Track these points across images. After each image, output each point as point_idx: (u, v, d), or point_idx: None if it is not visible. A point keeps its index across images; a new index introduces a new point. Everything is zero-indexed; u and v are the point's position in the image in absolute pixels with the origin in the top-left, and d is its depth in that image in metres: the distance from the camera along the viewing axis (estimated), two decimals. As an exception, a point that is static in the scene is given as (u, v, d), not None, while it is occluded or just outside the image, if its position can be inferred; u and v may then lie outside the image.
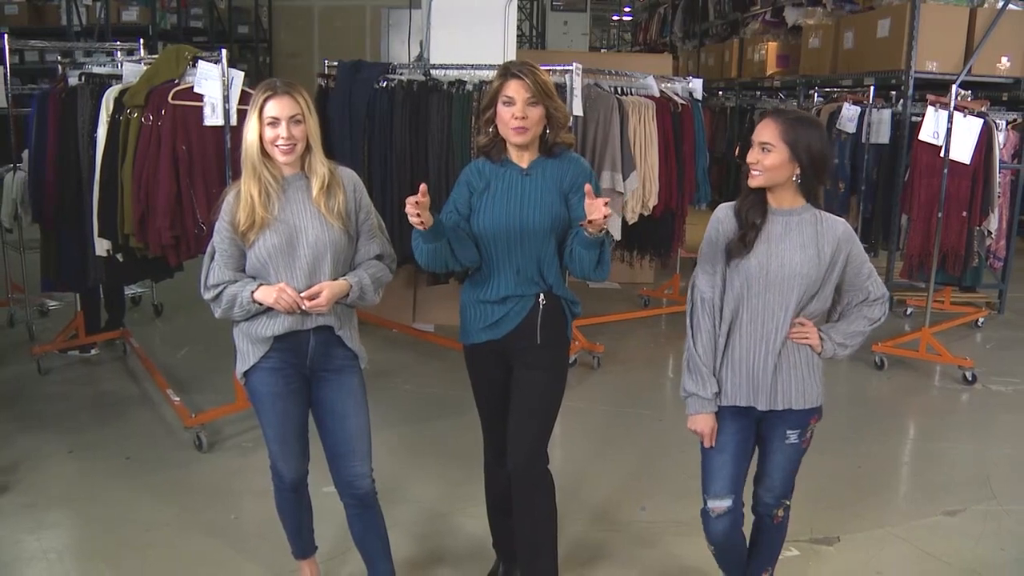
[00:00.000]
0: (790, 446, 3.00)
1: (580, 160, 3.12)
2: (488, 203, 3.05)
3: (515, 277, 3.04)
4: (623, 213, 6.00)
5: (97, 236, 4.91)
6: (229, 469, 4.60)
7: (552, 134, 3.04)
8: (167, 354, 6.30)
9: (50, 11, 12.74)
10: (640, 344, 6.99)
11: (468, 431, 4.69)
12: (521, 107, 2.94)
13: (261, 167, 2.88)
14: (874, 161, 7.91)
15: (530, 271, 3.03)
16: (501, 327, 3.09)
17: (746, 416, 2.98)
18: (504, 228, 3.01)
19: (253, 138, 2.86)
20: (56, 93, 5.37)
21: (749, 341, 2.91)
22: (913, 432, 5.57)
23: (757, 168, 2.82)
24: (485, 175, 3.08)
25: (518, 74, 2.95)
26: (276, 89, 2.84)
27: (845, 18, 9.28)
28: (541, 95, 2.95)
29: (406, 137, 5.56)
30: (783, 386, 2.93)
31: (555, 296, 3.08)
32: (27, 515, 4.08)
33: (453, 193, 3.12)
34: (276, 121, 2.84)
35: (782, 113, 2.88)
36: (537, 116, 2.96)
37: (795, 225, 2.87)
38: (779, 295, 2.86)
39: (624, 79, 6.45)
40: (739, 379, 2.94)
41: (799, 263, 2.83)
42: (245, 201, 2.88)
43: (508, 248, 3.02)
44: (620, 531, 4.05)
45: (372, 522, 3.19)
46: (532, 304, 3.06)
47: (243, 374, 3.05)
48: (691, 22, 15.02)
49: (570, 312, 3.15)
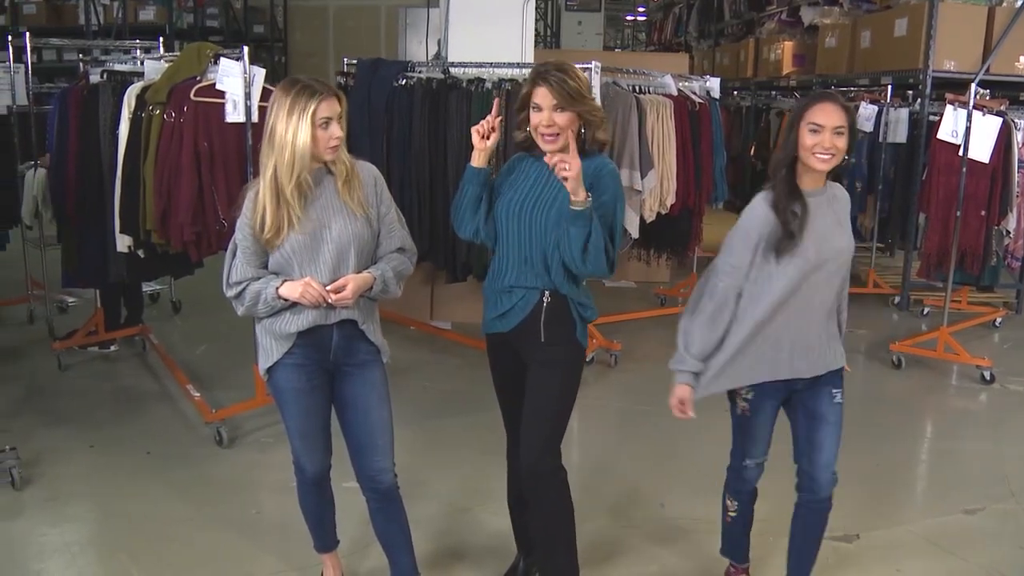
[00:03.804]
0: (837, 405, 3.14)
1: (606, 162, 3.08)
2: (509, 187, 3.10)
3: (522, 266, 3.05)
4: (641, 211, 6.00)
5: (118, 232, 4.93)
6: (249, 464, 4.62)
7: (588, 133, 3.03)
8: (186, 350, 6.33)
9: (68, 10, 12.80)
10: (657, 343, 6.97)
11: (487, 428, 4.71)
12: (548, 114, 2.94)
13: (307, 168, 2.86)
14: (891, 160, 7.90)
15: (536, 262, 3.03)
16: (508, 320, 3.11)
17: (782, 391, 3.13)
18: (517, 214, 3.04)
19: (306, 140, 2.81)
20: (78, 91, 5.40)
21: (800, 320, 3.01)
22: (931, 431, 5.56)
23: (830, 152, 2.87)
24: (521, 165, 3.14)
25: (544, 80, 2.94)
26: (323, 91, 2.83)
27: (862, 17, 9.27)
28: (568, 101, 2.93)
29: (425, 134, 5.57)
30: (827, 351, 3.09)
31: (561, 295, 3.06)
32: (49, 508, 4.11)
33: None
34: (328, 122, 2.83)
35: (835, 96, 2.97)
36: (566, 121, 2.95)
37: (825, 204, 2.99)
38: (828, 273, 2.99)
39: (642, 78, 6.45)
40: (783, 355, 3.04)
41: (839, 238, 3.00)
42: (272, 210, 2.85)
43: (518, 235, 3.04)
44: (639, 527, 4.06)
45: (394, 516, 3.19)
46: (537, 300, 3.06)
47: (266, 370, 3.06)
48: (706, 22, 14.99)
49: (579, 314, 3.12)
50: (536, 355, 3.11)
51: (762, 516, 3.54)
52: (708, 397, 5.79)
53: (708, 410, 5.43)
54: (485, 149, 3.05)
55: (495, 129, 3.04)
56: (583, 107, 2.97)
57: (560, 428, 3.16)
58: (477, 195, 3.10)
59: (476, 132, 3.04)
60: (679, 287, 7.93)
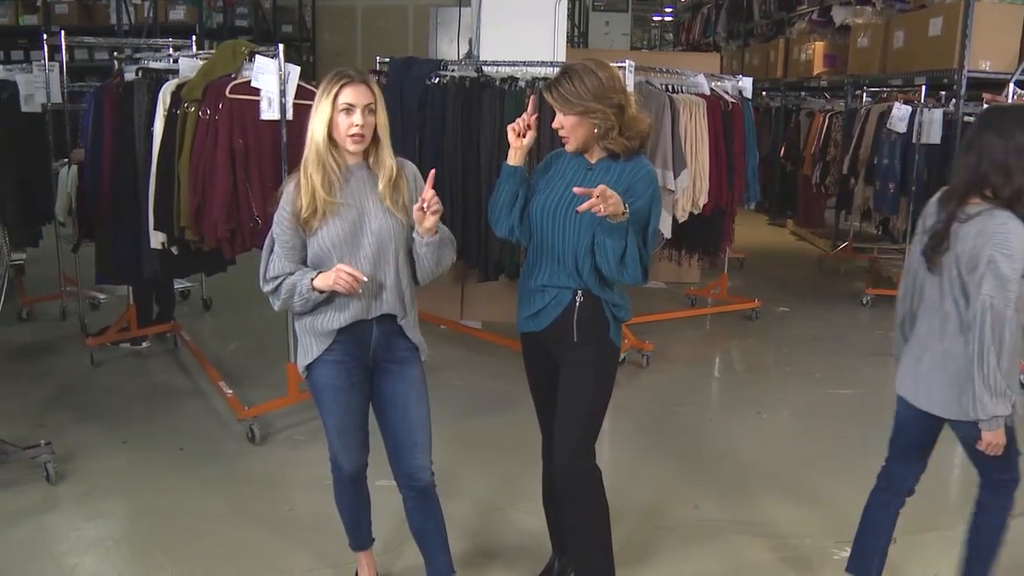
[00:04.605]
0: None
1: (642, 164, 3.03)
2: (546, 185, 3.08)
3: (555, 266, 3.04)
4: (673, 211, 5.97)
5: (152, 229, 4.95)
6: (281, 461, 4.63)
7: (599, 136, 2.97)
8: (217, 348, 6.35)
9: (99, 10, 12.91)
10: (688, 343, 6.96)
11: (520, 427, 4.69)
12: (558, 118, 2.97)
13: (327, 154, 2.84)
14: (925, 161, 7.81)
15: (568, 263, 3.01)
16: (540, 319, 3.09)
17: None
18: (551, 214, 3.02)
19: (322, 124, 2.82)
20: (113, 88, 5.43)
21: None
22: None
23: None
24: (554, 161, 3.13)
25: (549, 86, 2.97)
26: (352, 76, 2.82)
27: (895, 17, 9.18)
28: (566, 104, 2.92)
29: (458, 133, 5.56)
30: None
31: (593, 296, 3.04)
32: (84, 503, 4.14)
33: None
34: (351, 108, 2.81)
35: None
36: (571, 124, 2.95)
37: None
38: None
39: (675, 77, 6.42)
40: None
41: None
42: (306, 188, 2.85)
43: (552, 235, 3.02)
44: (674, 529, 4.03)
45: (431, 514, 3.17)
46: (569, 300, 3.04)
47: (305, 367, 3.05)
48: (735, 22, 14.93)
49: (612, 314, 3.09)
50: (568, 355, 3.10)
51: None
52: (742, 402, 5.78)
53: (738, 413, 5.46)
54: (521, 147, 3.03)
55: (531, 127, 3.03)
56: (590, 108, 2.91)
57: (594, 428, 3.13)
58: (513, 193, 3.08)
59: (512, 131, 3.03)
60: (709, 288, 7.88)
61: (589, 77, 2.92)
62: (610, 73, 2.97)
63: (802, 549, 3.88)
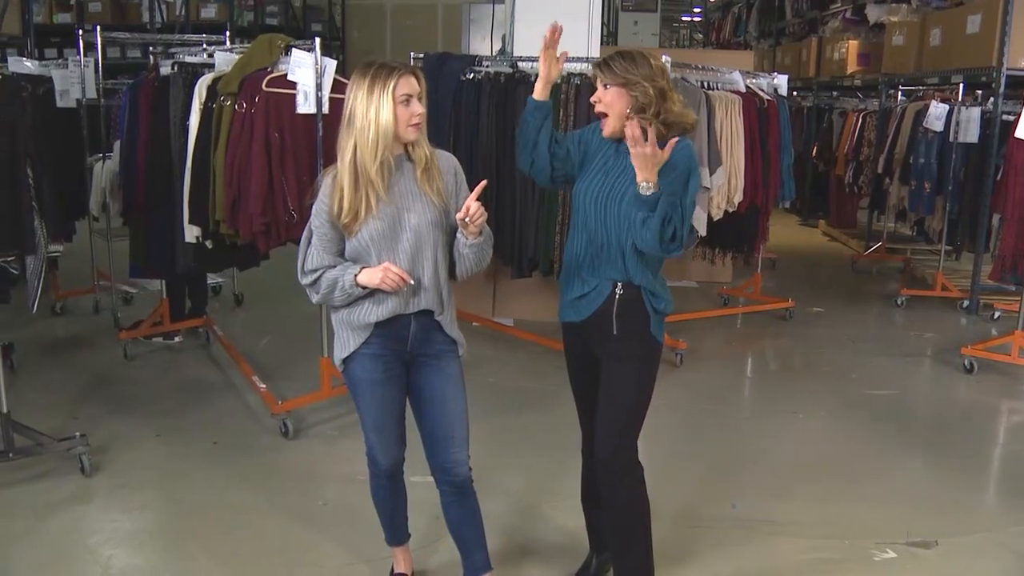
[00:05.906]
0: None
1: (683, 142, 2.95)
2: (587, 172, 3.07)
3: (597, 254, 3.01)
4: (708, 208, 5.92)
5: (187, 223, 4.94)
6: (315, 456, 4.61)
7: (635, 109, 2.95)
8: (249, 343, 6.34)
9: (132, 8, 12.98)
10: (721, 342, 6.90)
11: (555, 424, 4.68)
12: (598, 92, 3.01)
13: (390, 148, 2.83)
14: (962, 161, 7.71)
15: (612, 250, 2.98)
16: (581, 310, 3.07)
17: None
18: (594, 200, 3.00)
19: (389, 117, 2.79)
20: (149, 82, 5.44)
21: None
22: (1005, 436, 5.40)
23: None
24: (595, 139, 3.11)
25: (599, 63, 3.02)
26: (402, 68, 2.81)
27: (931, 14, 9.08)
28: (612, 76, 2.95)
29: (492, 128, 5.55)
30: None
31: (634, 287, 3.00)
32: (120, 495, 4.14)
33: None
34: (409, 98, 2.81)
35: None
36: (611, 97, 2.96)
37: None
38: None
39: (711, 74, 6.36)
40: None
41: None
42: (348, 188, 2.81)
43: (595, 221, 2.99)
44: (711, 528, 3.98)
45: (469, 510, 3.14)
46: (609, 291, 3.01)
47: (342, 361, 3.02)
48: (767, 21, 14.84)
49: (652, 307, 3.04)
50: (608, 348, 3.06)
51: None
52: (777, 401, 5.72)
53: (774, 412, 5.40)
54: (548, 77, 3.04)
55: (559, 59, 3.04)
56: (626, 81, 2.93)
57: (636, 424, 3.10)
58: (537, 127, 3.09)
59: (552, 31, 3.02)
60: (743, 287, 7.82)
61: (641, 59, 2.97)
62: (660, 64, 3.02)
63: (841, 550, 3.82)
